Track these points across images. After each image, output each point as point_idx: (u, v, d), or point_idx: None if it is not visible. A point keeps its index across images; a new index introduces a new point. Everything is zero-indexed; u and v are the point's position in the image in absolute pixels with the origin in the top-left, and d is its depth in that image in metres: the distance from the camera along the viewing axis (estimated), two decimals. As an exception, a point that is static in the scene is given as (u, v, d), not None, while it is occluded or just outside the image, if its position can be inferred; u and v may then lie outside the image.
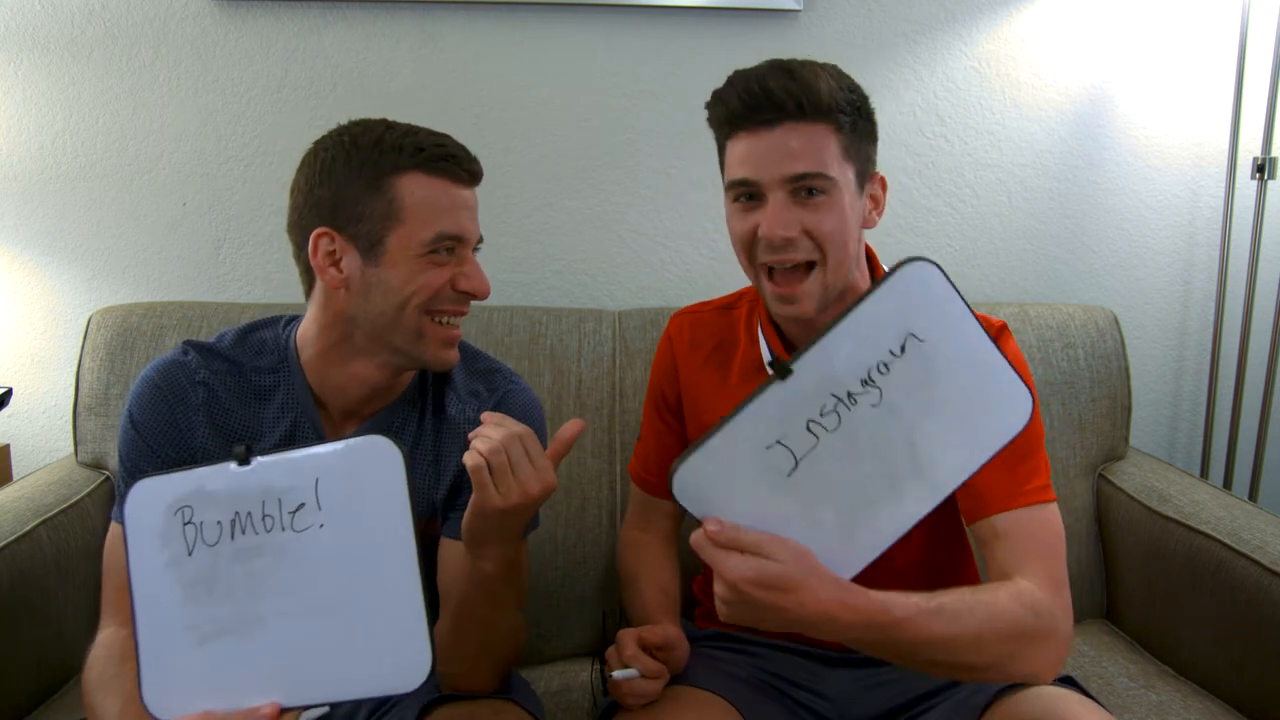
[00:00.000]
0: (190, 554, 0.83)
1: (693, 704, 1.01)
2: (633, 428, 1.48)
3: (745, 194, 1.01)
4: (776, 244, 0.98)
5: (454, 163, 0.97)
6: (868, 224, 1.04)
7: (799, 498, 0.80)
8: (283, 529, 0.82)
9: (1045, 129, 1.75)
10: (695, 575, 1.30)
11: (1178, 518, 1.38)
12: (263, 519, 0.83)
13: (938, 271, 0.80)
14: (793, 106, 0.96)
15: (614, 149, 1.72)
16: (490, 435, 0.87)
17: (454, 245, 0.98)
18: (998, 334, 1.02)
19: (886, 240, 1.76)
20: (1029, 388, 0.82)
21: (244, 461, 0.83)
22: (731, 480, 0.79)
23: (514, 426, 0.88)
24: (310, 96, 1.67)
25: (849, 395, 0.79)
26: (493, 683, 1.05)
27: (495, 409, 1.06)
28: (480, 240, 1.03)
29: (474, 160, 1.00)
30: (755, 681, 1.10)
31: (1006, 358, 0.81)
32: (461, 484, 1.06)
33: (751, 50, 1.68)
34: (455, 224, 0.97)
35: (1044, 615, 0.90)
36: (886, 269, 1.05)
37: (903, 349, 0.79)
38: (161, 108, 1.67)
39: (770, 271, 1.02)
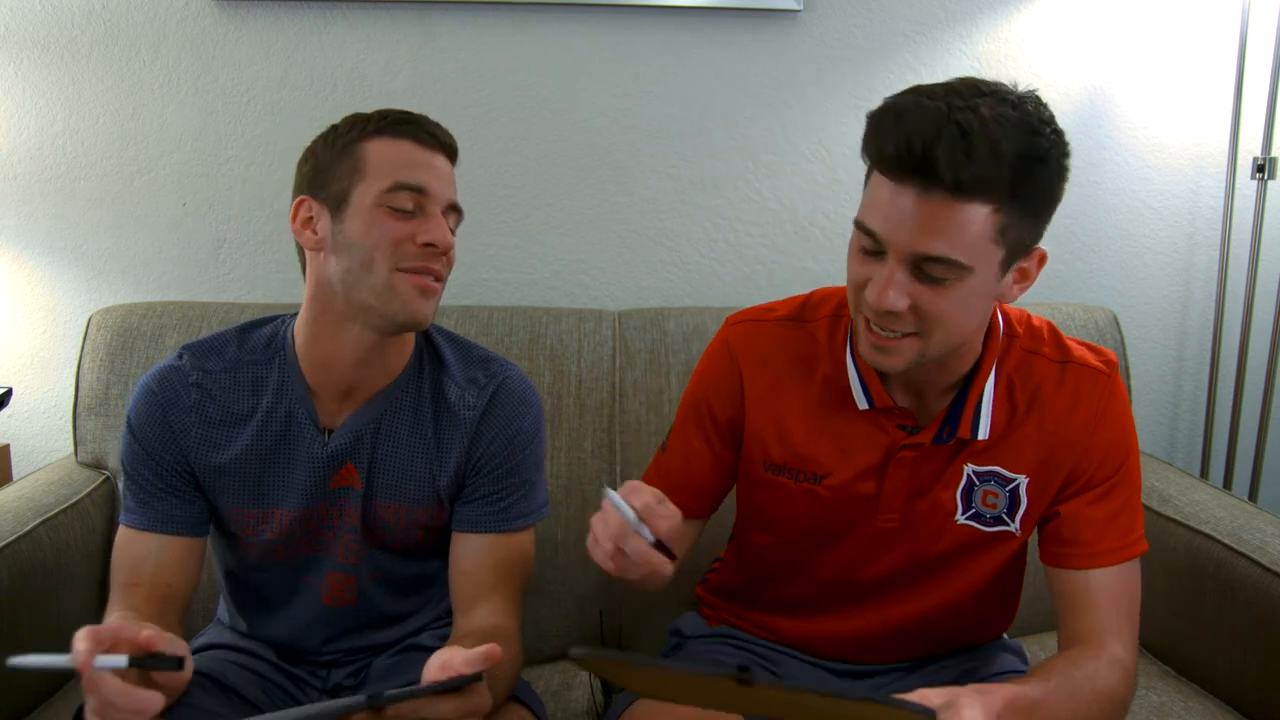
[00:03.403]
0: None
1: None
2: (632, 428, 1.48)
3: (870, 243, 0.89)
4: (880, 311, 0.89)
5: (416, 125, 1.03)
6: (1004, 299, 0.94)
7: None
8: None
9: (1045, 129, 1.75)
10: (696, 580, 1.30)
11: (1178, 518, 1.38)
12: None
13: None
14: (949, 181, 0.82)
15: (614, 149, 1.72)
16: None
17: (415, 200, 1.00)
18: (1109, 373, 1.02)
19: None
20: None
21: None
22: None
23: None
24: (310, 96, 1.67)
25: None
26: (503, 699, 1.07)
27: (495, 394, 1.10)
28: (456, 212, 1.06)
29: (442, 130, 1.05)
30: None
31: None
32: (466, 472, 1.09)
33: (751, 50, 1.69)
34: (414, 176, 1.00)
35: (1132, 680, 0.96)
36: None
37: None
38: (161, 108, 1.67)
39: (869, 320, 0.92)
